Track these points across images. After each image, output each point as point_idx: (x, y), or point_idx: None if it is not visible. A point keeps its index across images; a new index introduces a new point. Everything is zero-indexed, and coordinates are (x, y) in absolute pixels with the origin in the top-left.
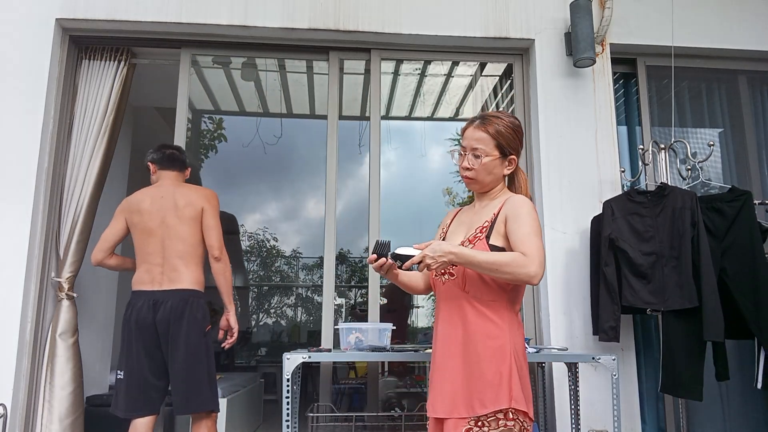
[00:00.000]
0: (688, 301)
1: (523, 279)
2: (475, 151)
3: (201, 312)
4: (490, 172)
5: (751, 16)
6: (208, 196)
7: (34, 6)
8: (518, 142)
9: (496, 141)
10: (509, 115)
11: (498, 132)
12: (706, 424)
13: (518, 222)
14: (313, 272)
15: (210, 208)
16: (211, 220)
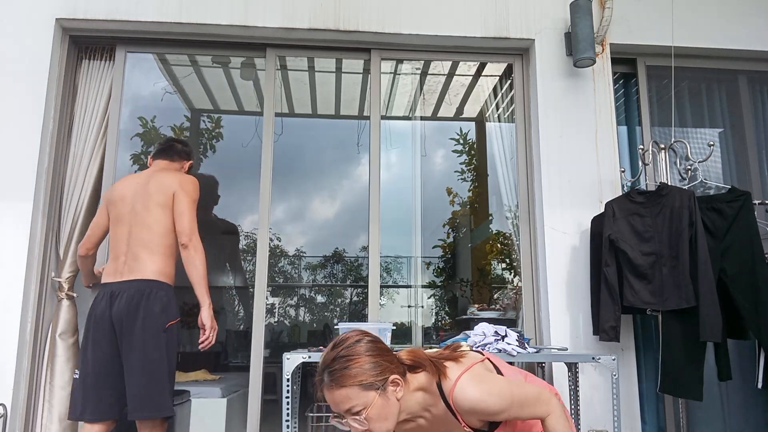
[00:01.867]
0: (685, 301)
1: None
2: (350, 413)
3: (160, 305)
4: (386, 416)
5: (751, 16)
6: (182, 181)
7: (34, 6)
8: (374, 357)
9: (358, 385)
10: (346, 343)
11: (348, 376)
12: (706, 424)
13: (499, 414)
14: (317, 272)
15: (182, 193)
16: (182, 205)
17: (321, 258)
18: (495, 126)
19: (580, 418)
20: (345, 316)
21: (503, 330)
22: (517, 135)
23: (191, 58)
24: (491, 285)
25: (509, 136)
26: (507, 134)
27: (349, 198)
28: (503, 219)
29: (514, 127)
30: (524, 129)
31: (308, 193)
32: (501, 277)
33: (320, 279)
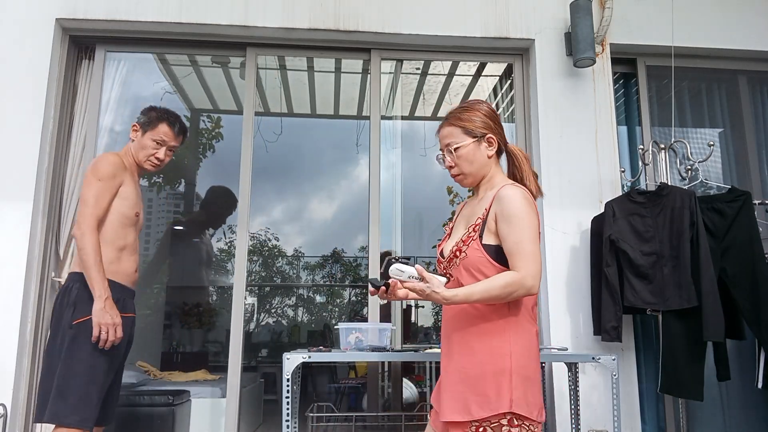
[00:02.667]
0: (686, 301)
1: (523, 295)
2: (449, 147)
3: (70, 299)
4: (471, 160)
5: (751, 16)
6: (91, 164)
7: (34, 6)
8: (487, 119)
9: (462, 128)
10: (474, 101)
11: (459, 119)
12: (706, 424)
13: (508, 225)
14: (315, 272)
15: (84, 179)
16: (82, 189)
17: (320, 258)
18: None
19: (580, 418)
20: (344, 316)
21: None
22: (517, 135)
23: (191, 58)
24: None
25: (509, 136)
26: (507, 134)
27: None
28: None
29: (514, 127)
30: (524, 129)
31: (307, 193)
32: None
33: (319, 279)
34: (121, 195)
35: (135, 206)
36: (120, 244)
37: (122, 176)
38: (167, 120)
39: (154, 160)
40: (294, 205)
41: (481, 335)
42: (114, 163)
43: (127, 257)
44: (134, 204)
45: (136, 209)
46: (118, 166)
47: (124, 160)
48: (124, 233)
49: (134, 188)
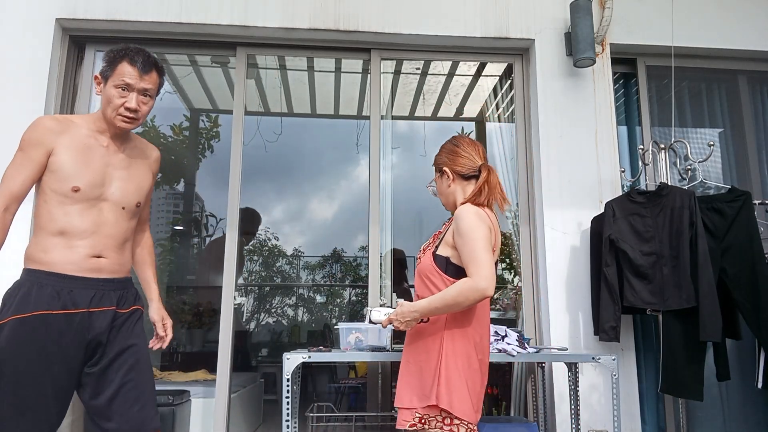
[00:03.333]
0: (685, 301)
1: (479, 299)
2: (429, 184)
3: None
4: (440, 192)
5: (751, 16)
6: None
7: (34, 6)
8: (443, 154)
9: (434, 165)
10: (450, 138)
11: (435, 158)
12: (706, 424)
13: (462, 239)
14: (315, 272)
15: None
16: None
17: (320, 258)
18: (495, 126)
19: (580, 418)
20: (344, 316)
21: (503, 330)
22: (517, 135)
23: (191, 57)
24: None
25: (509, 136)
26: (507, 134)
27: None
28: (503, 219)
29: (514, 127)
30: (524, 129)
31: (307, 192)
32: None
33: (319, 279)
34: (51, 167)
35: (70, 179)
36: (56, 227)
37: (52, 143)
38: (127, 57)
39: (124, 112)
40: (294, 204)
41: (423, 337)
42: (40, 128)
43: (73, 242)
44: (68, 176)
45: (72, 182)
46: (46, 131)
47: (82, 125)
48: (62, 213)
49: (77, 157)
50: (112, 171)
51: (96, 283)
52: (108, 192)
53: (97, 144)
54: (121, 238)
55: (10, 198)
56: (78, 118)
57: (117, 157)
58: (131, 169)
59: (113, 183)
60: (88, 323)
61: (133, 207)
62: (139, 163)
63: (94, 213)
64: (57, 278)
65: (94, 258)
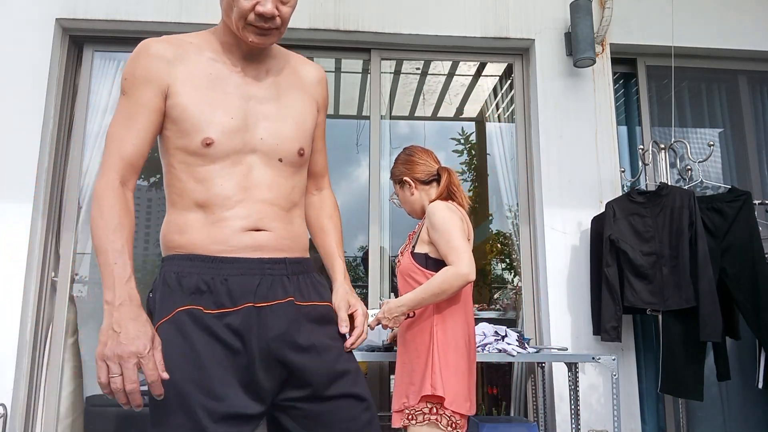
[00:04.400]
0: (685, 301)
1: (462, 285)
2: (391, 198)
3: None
4: (404, 201)
5: (750, 17)
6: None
7: (34, 6)
8: (400, 165)
9: (393, 180)
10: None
11: (391, 172)
12: (706, 424)
13: (437, 232)
14: None
15: None
16: None
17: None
18: (495, 126)
19: (580, 418)
20: None
21: (503, 330)
22: (517, 135)
23: None
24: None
25: (509, 136)
26: (507, 134)
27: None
28: (503, 219)
29: (514, 127)
30: (524, 129)
31: None
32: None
33: None
34: (170, 113)
35: (197, 128)
36: (191, 199)
37: (165, 77)
38: None
39: (255, 20)
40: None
41: (414, 335)
42: (144, 56)
43: (217, 215)
44: (195, 125)
45: (201, 133)
46: (154, 60)
47: (203, 45)
48: (194, 179)
49: (203, 94)
50: (256, 107)
51: (259, 265)
52: (255, 139)
53: (228, 70)
54: (285, 203)
55: (123, 166)
56: (194, 36)
57: (260, 86)
58: (283, 100)
59: (260, 125)
60: (256, 324)
61: (294, 156)
62: (295, 91)
63: (240, 172)
64: (203, 263)
65: (251, 232)
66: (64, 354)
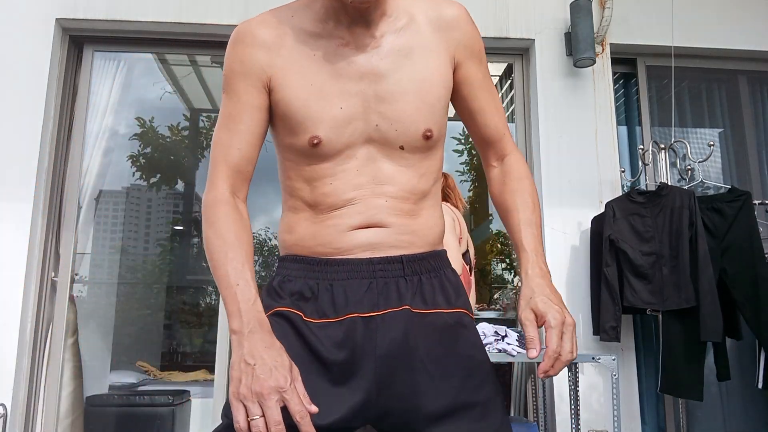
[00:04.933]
0: (685, 301)
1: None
2: None
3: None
4: None
5: (751, 16)
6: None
7: (33, 6)
8: None
9: None
10: None
11: None
12: (706, 424)
13: None
14: None
15: None
16: None
17: None
18: None
19: (580, 419)
20: None
21: (503, 330)
22: (517, 135)
23: (191, 58)
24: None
25: None
26: None
27: None
28: None
29: (514, 127)
30: (524, 129)
31: None
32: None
33: None
34: (276, 107)
35: (301, 126)
36: (299, 200)
37: (267, 66)
38: None
39: None
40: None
41: None
42: (241, 45)
43: (326, 214)
44: (299, 122)
45: (306, 131)
46: (252, 48)
47: (302, 16)
48: (302, 179)
49: (306, 81)
50: (370, 86)
51: (369, 266)
52: (369, 127)
53: (334, 45)
54: (409, 195)
55: (231, 174)
56: (296, 5)
57: (373, 58)
58: (403, 71)
59: (375, 109)
60: (363, 338)
61: (419, 140)
62: (419, 54)
63: (353, 167)
64: (308, 266)
65: (362, 229)
66: (64, 354)
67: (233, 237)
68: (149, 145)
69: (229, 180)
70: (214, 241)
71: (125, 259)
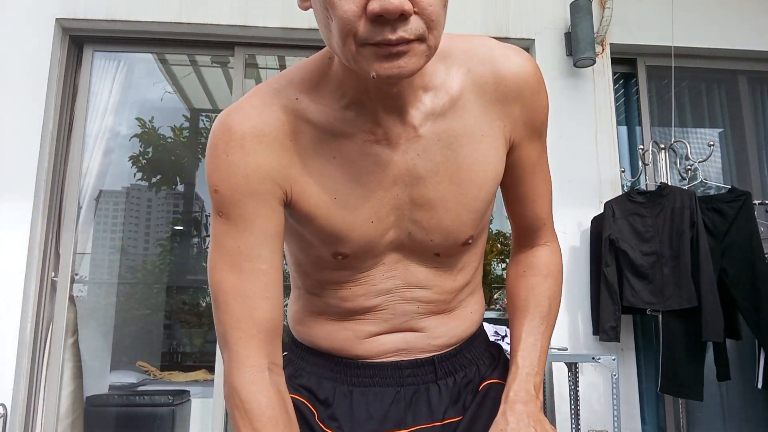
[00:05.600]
0: (687, 301)
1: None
2: None
3: None
4: None
5: (751, 16)
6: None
7: (33, 6)
8: None
9: None
10: None
11: None
12: (706, 424)
13: None
14: None
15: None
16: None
17: None
18: None
19: (580, 418)
20: None
21: (503, 330)
22: None
23: (191, 58)
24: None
25: None
26: None
27: None
28: (503, 219)
29: None
30: None
31: None
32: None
33: None
34: (292, 223)
35: (325, 243)
36: (311, 303)
37: (285, 177)
38: None
39: (370, 34)
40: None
41: None
42: (243, 151)
43: (344, 319)
44: (322, 240)
45: (329, 248)
46: (258, 155)
47: (301, 99)
48: (317, 285)
49: (329, 192)
50: (405, 191)
51: (396, 372)
52: (401, 235)
53: (359, 141)
54: (445, 295)
55: (264, 337)
56: (300, 82)
57: (408, 155)
58: (446, 167)
59: (409, 216)
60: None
61: (457, 248)
62: (466, 143)
63: (379, 273)
64: (323, 362)
65: (389, 334)
66: (64, 354)
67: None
68: (149, 145)
69: (264, 347)
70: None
71: (125, 259)
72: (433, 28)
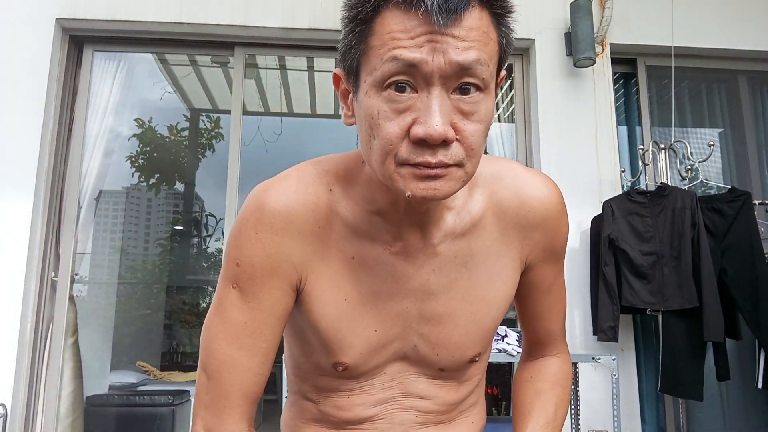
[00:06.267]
0: (687, 301)
1: None
2: None
3: None
4: None
5: (750, 16)
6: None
7: (34, 6)
8: None
9: None
10: None
11: None
12: (706, 424)
13: None
14: None
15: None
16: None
17: None
18: (495, 126)
19: (580, 418)
20: None
21: (503, 330)
22: (517, 135)
23: (191, 58)
24: None
25: (509, 136)
26: (507, 134)
27: None
28: None
29: (514, 127)
30: (524, 129)
31: None
32: None
33: None
34: (297, 319)
35: (326, 351)
36: (308, 412)
37: (300, 269)
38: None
39: (411, 155)
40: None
41: None
42: (272, 230)
43: (337, 426)
44: (324, 346)
45: (331, 356)
46: (283, 239)
47: (348, 201)
48: (314, 390)
49: (341, 299)
50: (416, 305)
51: None
52: (406, 347)
53: (379, 249)
54: (449, 405)
55: (249, 407)
56: (328, 177)
57: (424, 271)
58: (460, 287)
59: (417, 329)
60: None
61: (462, 365)
62: (482, 266)
63: (380, 383)
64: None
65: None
66: (64, 354)
67: None
68: (149, 145)
69: (246, 415)
70: None
71: (125, 259)
72: (472, 156)
